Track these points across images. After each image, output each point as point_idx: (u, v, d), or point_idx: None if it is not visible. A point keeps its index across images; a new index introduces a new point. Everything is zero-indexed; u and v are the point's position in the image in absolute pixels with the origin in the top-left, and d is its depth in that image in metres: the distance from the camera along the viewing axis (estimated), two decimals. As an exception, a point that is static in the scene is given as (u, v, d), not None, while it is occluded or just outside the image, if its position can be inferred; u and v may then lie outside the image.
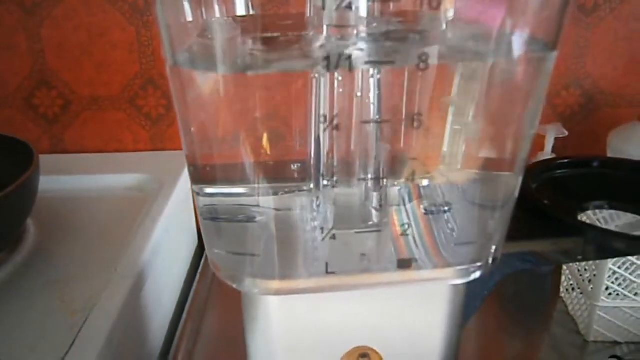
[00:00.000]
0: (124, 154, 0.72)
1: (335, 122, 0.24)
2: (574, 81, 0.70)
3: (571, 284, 0.60)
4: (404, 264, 0.21)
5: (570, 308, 0.60)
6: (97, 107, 0.70)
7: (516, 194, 0.24)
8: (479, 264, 0.22)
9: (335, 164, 0.25)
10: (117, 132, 0.72)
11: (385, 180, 0.24)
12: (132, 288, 0.46)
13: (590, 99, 0.71)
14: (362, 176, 0.24)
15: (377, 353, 0.23)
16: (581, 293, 0.57)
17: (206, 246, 0.23)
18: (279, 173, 0.25)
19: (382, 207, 0.24)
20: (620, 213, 0.32)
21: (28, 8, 0.65)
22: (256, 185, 0.23)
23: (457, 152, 0.26)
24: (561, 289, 0.62)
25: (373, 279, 0.21)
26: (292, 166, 0.26)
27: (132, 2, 0.65)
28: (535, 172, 0.33)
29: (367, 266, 0.22)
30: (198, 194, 0.23)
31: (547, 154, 0.66)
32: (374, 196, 0.24)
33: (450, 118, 0.26)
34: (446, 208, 0.24)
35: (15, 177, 0.47)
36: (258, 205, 0.24)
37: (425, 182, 0.25)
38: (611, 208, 0.31)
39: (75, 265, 0.50)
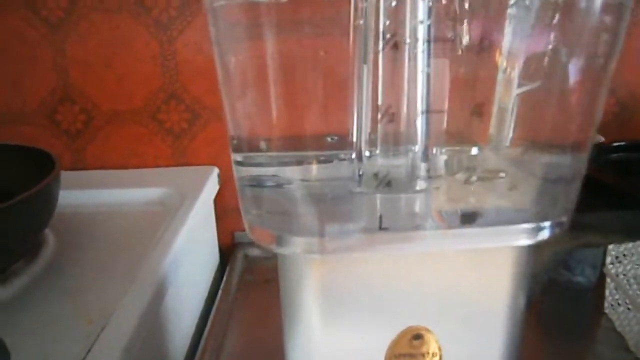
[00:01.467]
0: (145, 170, 0.71)
1: (389, 111, 0.22)
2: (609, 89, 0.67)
3: (617, 299, 0.56)
4: (468, 218, 0.19)
5: (617, 324, 0.56)
6: (119, 121, 0.70)
7: (583, 167, 0.22)
8: (548, 223, 0.19)
9: (378, 137, 0.23)
10: (138, 147, 0.71)
11: (434, 150, 0.22)
12: (150, 299, 0.44)
13: (624, 107, 0.68)
14: (409, 146, 0.22)
15: (431, 333, 0.20)
16: (629, 307, 0.53)
17: (243, 213, 0.21)
18: (318, 143, 0.23)
19: (431, 176, 0.21)
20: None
21: (53, 23, 0.65)
22: (296, 153, 0.21)
23: (506, 131, 0.24)
24: (605, 305, 0.58)
25: (432, 237, 0.19)
26: (328, 139, 0.24)
27: (156, 17, 0.65)
28: (593, 155, 0.30)
29: (423, 224, 0.19)
30: (237, 162, 0.22)
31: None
32: (422, 166, 0.22)
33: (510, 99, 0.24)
34: (502, 174, 0.22)
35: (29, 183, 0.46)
36: (299, 175, 0.22)
37: (474, 150, 0.22)
38: None
39: (93, 276, 0.48)
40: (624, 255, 0.54)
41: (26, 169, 0.53)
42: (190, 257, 0.57)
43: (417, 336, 0.20)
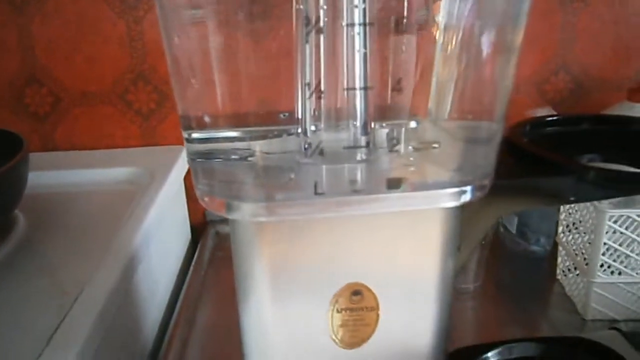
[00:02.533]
0: (114, 150, 0.72)
1: (320, 87, 0.24)
2: (563, 67, 0.70)
3: (567, 265, 0.60)
4: (394, 183, 0.21)
5: (567, 289, 0.59)
6: (88, 103, 0.70)
7: (499, 133, 0.24)
8: (469, 187, 0.22)
9: (322, 112, 0.24)
10: (108, 128, 0.71)
11: (373, 124, 0.24)
12: (122, 272, 0.45)
13: (579, 84, 0.71)
14: (352, 121, 0.24)
15: (370, 290, 0.22)
16: (577, 273, 0.57)
17: (194, 183, 0.23)
18: (267, 119, 0.24)
19: (371, 147, 0.23)
20: (613, 165, 0.32)
21: (17, 5, 0.65)
22: (244, 129, 0.23)
23: (443, 105, 0.26)
24: (557, 271, 0.62)
25: (362, 201, 0.21)
26: (281, 115, 0.25)
27: (122, -4, 0.65)
28: (527, 128, 0.33)
29: (356, 189, 0.21)
30: (188, 140, 0.23)
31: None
32: (362, 139, 0.24)
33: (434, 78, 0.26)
34: (435, 145, 0.24)
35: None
36: (248, 149, 0.23)
37: (413, 124, 0.24)
38: (603, 160, 0.31)
39: (65, 254, 0.49)
40: (574, 224, 0.57)
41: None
42: (161, 234, 0.58)
43: (356, 292, 0.23)
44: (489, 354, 0.39)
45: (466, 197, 0.22)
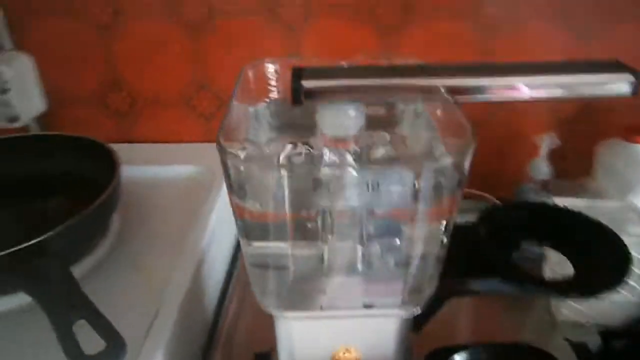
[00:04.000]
0: (180, 145, 0.85)
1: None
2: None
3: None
4: (368, 306, 0.35)
5: (547, 293, 0.71)
6: (159, 105, 0.83)
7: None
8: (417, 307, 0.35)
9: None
10: (175, 127, 0.85)
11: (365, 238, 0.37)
12: (194, 271, 0.60)
13: (588, 103, 0.79)
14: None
15: (355, 349, 0.36)
16: (556, 282, 0.69)
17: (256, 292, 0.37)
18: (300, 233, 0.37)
19: (365, 258, 0.36)
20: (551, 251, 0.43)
21: (102, 27, 0.78)
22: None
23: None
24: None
25: (346, 313, 0.35)
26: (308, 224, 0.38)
27: (187, 20, 0.76)
28: (487, 218, 0.44)
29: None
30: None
31: (541, 160, 0.75)
32: (359, 249, 0.36)
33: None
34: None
35: (98, 175, 0.61)
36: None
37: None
38: (540, 246, 0.43)
39: (149, 250, 0.64)
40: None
41: (89, 160, 0.68)
42: (220, 228, 0.73)
43: (346, 351, 0.36)
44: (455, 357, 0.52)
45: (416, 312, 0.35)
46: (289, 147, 0.38)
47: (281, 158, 0.37)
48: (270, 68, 0.42)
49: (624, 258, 0.41)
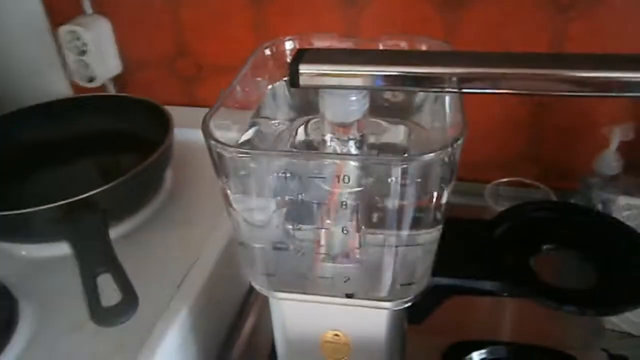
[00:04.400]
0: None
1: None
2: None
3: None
4: (349, 295, 0.34)
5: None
6: (222, 71, 0.86)
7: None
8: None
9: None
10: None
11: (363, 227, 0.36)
12: (229, 236, 0.63)
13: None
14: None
15: (344, 333, 0.37)
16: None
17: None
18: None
19: (361, 245, 0.36)
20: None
21: (172, -6, 0.81)
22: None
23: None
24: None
25: (334, 301, 0.35)
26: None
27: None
28: (509, 216, 0.42)
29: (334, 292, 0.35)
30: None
31: (610, 153, 0.69)
32: (355, 236, 0.36)
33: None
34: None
35: (153, 135, 0.65)
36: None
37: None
38: (558, 250, 0.40)
39: (196, 209, 0.68)
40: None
41: (145, 120, 0.72)
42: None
43: (335, 334, 0.37)
44: (474, 354, 0.51)
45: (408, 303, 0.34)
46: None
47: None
48: (289, 46, 0.42)
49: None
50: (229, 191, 0.35)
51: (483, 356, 0.53)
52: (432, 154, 0.29)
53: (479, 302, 0.64)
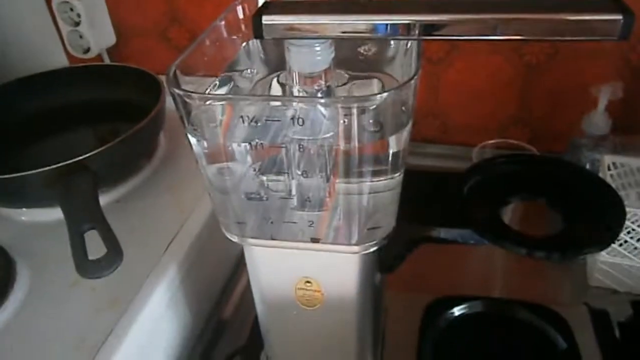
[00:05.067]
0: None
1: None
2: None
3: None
4: (315, 240, 0.36)
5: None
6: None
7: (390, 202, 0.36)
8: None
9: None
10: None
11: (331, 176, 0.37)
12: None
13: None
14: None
15: (315, 280, 0.38)
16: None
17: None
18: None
19: (328, 192, 0.37)
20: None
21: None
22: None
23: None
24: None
25: (300, 246, 0.36)
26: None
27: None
28: (477, 170, 0.42)
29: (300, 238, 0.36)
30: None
31: (598, 113, 0.69)
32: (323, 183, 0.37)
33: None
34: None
35: (145, 103, 0.66)
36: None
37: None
38: (526, 200, 0.40)
39: (188, 173, 0.69)
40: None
41: (135, 88, 0.73)
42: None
43: (307, 281, 0.38)
44: (455, 309, 0.53)
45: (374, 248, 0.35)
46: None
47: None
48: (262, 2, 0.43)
49: (618, 214, 0.38)
50: (196, 143, 0.36)
51: (464, 311, 0.54)
52: (384, 94, 0.30)
53: (464, 259, 0.66)
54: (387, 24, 0.33)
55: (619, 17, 0.30)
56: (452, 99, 0.80)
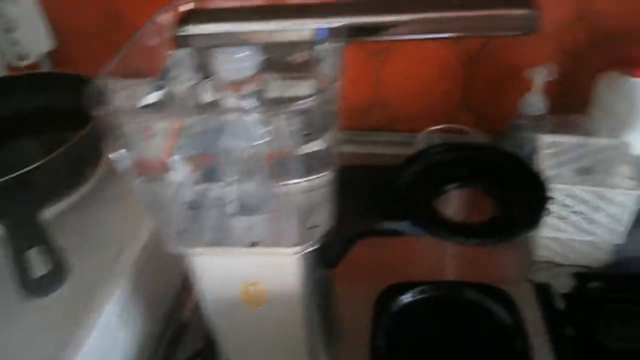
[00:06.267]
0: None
1: None
2: (583, 15, 0.71)
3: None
4: (254, 244, 0.36)
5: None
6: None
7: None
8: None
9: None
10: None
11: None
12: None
13: (596, 35, 0.72)
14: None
15: (259, 281, 0.39)
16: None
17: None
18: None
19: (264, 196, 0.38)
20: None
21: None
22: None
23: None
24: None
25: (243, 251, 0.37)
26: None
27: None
28: (414, 161, 0.44)
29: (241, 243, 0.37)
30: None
31: (535, 94, 0.71)
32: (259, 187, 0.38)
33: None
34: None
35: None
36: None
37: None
38: (461, 189, 0.42)
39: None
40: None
41: (78, 91, 0.71)
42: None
43: (253, 284, 0.39)
44: (406, 295, 0.54)
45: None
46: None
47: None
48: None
49: (542, 196, 0.40)
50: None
51: (414, 296, 0.56)
52: (307, 99, 0.31)
53: (414, 247, 0.67)
54: (313, 29, 0.34)
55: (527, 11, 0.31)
56: (396, 89, 0.82)
